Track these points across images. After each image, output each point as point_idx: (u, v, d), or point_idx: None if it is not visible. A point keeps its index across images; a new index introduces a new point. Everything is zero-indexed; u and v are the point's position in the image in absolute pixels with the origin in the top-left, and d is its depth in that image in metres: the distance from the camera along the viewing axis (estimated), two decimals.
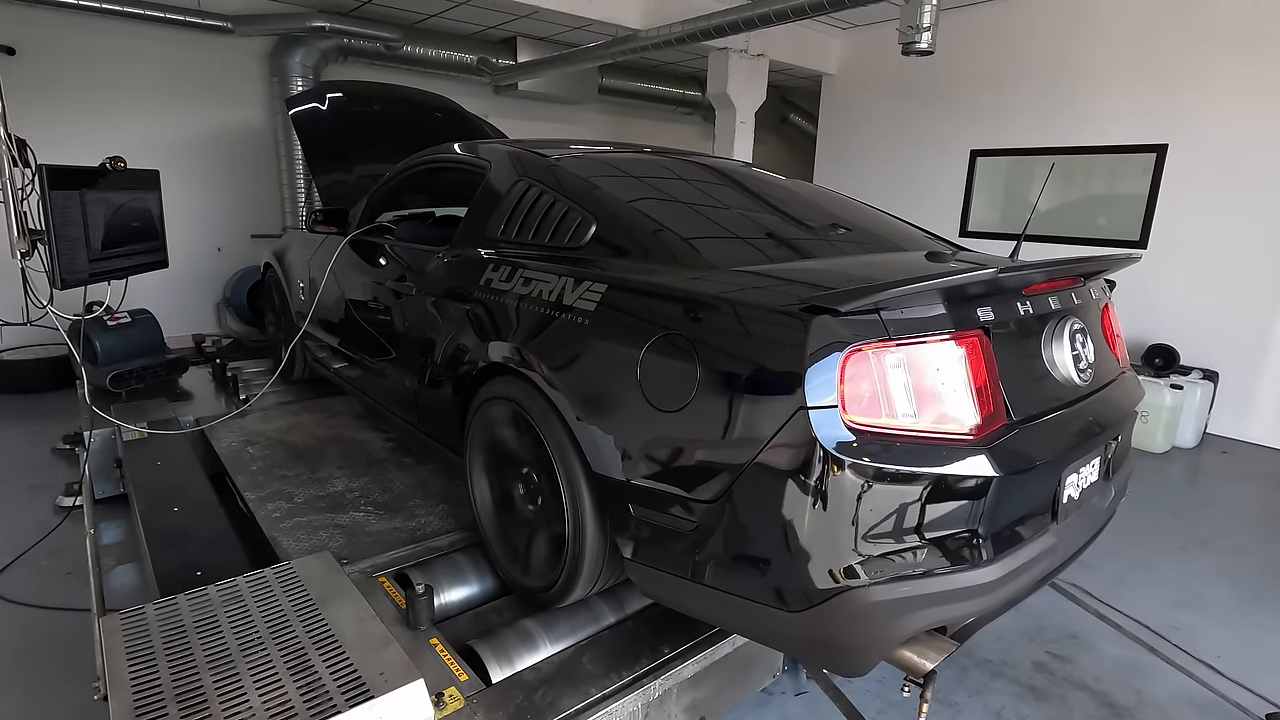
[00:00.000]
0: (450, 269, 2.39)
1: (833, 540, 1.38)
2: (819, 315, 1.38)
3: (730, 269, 1.73)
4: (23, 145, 2.67)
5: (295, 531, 2.45)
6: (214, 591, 1.84)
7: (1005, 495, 1.47)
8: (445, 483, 2.88)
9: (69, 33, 5.63)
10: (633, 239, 1.92)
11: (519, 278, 2.04)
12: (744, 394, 1.45)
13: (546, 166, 2.29)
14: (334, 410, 3.79)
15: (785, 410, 1.38)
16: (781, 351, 1.41)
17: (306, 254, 3.64)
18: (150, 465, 2.93)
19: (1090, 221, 5.71)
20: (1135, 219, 5.40)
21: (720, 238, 2.00)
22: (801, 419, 1.35)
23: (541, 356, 1.87)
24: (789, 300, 1.45)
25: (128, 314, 4.08)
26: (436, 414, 2.51)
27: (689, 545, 1.59)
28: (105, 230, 2.86)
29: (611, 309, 1.74)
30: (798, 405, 1.36)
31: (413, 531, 2.47)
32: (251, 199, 6.76)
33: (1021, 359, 1.64)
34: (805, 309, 1.40)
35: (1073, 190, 5.85)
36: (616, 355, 1.68)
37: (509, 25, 7.15)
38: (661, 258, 1.83)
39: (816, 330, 1.37)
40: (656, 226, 1.94)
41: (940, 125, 6.43)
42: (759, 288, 1.60)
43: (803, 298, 1.42)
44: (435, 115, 4.68)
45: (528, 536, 2.07)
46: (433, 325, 2.42)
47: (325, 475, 2.93)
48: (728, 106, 6.39)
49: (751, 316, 1.48)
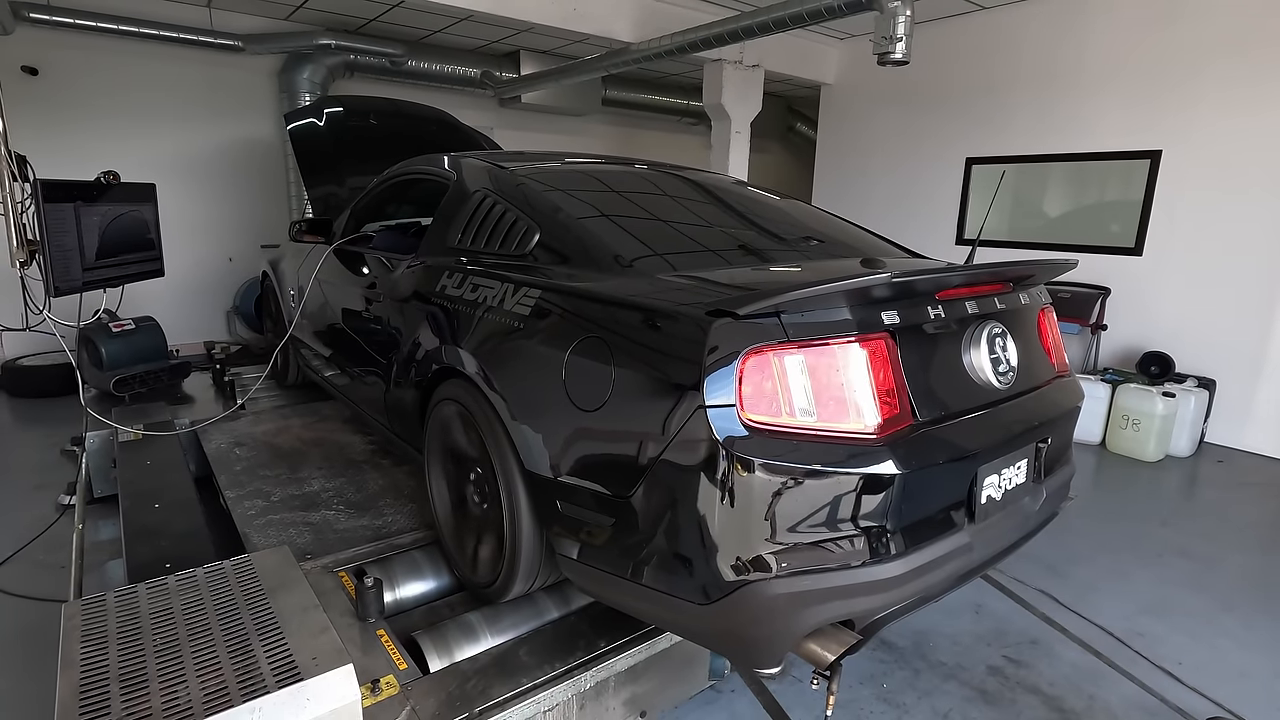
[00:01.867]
0: (413, 276, 2.49)
1: (737, 535, 1.44)
2: (720, 319, 1.44)
3: (656, 275, 1.80)
4: (22, 161, 2.84)
5: (267, 528, 2.56)
6: (172, 582, 1.94)
7: (911, 492, 1.51)
8: (417, 484, 2.97)
9: (89, 54, 5.90)
10: (571, 247, 2.00)
11: (468, 284, 2.13)
12: (652, 394, 1.51)
13: (503, 178, 2.38)
14: (323, 414, 3.91)
15: (688, 408, 1.44)
16: (685, 352, 1.47)
17: (297, 263, 3.78)
18: (140, 465, 3.07)
19: (1084, 229, 5.67)
20: (1130, 226, 5.35)
21: (665, 248, 2.06)
22: (700, 417, 1.42)
23: (483, 359, 1.95)
24: (693, 304, 1.51)
25: (132, 321, 4.25)
26: (401, 415, 2.60)
27: (610, 540, 1.65)
28: (99, 240, 3.02)
29: (543, 313, 1.81)
30: (698, 404, 1.42)
31: (378, 529, 2.56)
32: (261, 210, 6.98)
33: (935, 362, 1.68)
34: (708, 312, 1.47)
35: (1068, 198, 5.82)
36: (546, 357, 1.76)
37: (511, 40, 7.31)
38: (601, 266, 1.90)
39: (716, 333, 1.43)
40: (596, 235, 2.02)
41: (937, 134, 6.44)
42: (671, 292, 1.66)
43: (704, 302, 1.49)
44: (430, 128, 4.81)
45: (477, 534, 2.15)
46: (396, 330, 2.52)
47: (304, 475, 3.04)
48: (723, 117, 6.47)
49: (659, 319, 1.54)
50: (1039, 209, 5.99)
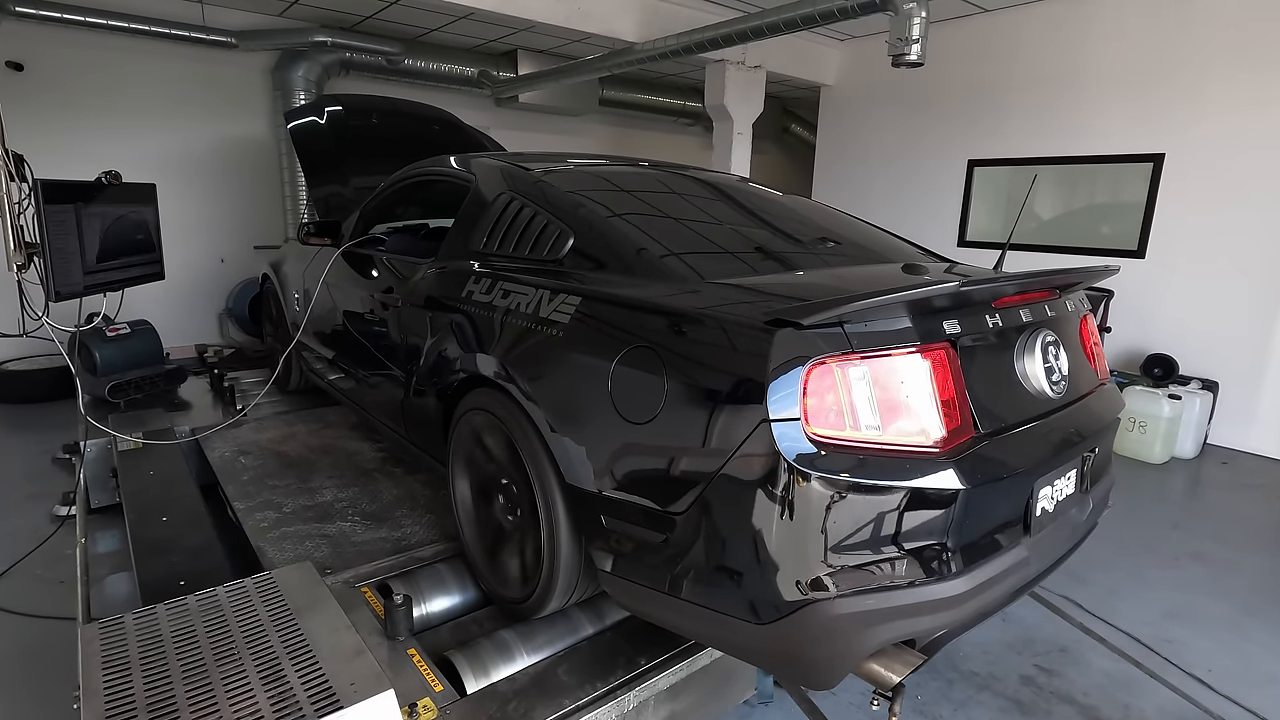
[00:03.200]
0: (434, 280, 2.42)
1: (799, 552, 1.39)
2: (782, 328, 1.39)
3: (705, 282, 1.74)
4: (20, 160, 2.72)
5: (281, 541, 2.47)
6: (193, 601, 1.85)
7: (974, 507, 1.47)
8: (433, 493, 2.90)
9: (76, 49, 5.74)
10: (610, 252, 1.94)
11: (498, 290, 2.06)
12: (710, 406, 1.46)
13: (529, 179, 2.31)
14: (328, 420, 3.82)
15: (749, 422, 1.39)
16: (746, 364, 1.42)
17: (301, 265, 3.68)
18: (143, 475, 2.96)
19: (1088, 231, 5.69)
20: (1133, 228, 5.38)
21: (699, 251, 2.01)
22: (765, 431, 1.36)
23: (518, 368, 1.89)
24: (754, 314, 1.46)
25: (127, 325, 4.13)
26: (421, 424, 2.53)
27: (660, 558, 1.59)
28: (100, 243, 2.91)
29: (585, 321, 1.75)
30: (761, 417, 1.37)
31: (398, 542, 2.49)
32: (254, 211, 6.84)
33: (991, 371, 1.64)
34: (769, 322, 1.41)
35: (1071, 200, 5.84)
36: (589, 368, 1.70)
37: (509, 39, 7.22)
38: (639, 270, 1.85)
39: (779, 343, 1.38)
40: (633, 239, 1.96)
41: (938, 136, 6.44)
42: (727, 301, 1.61)
43: (766, 311, 1.43)
44: (433, 128, 4.73)
45: (506, 548, 2.08)
46: (417, 336, 2.45)
47: (315, 485, 2.95)
48: (725, 118, 6.43)
49: (717, 329, 1.49)
50: (1038, 212, 6.01)
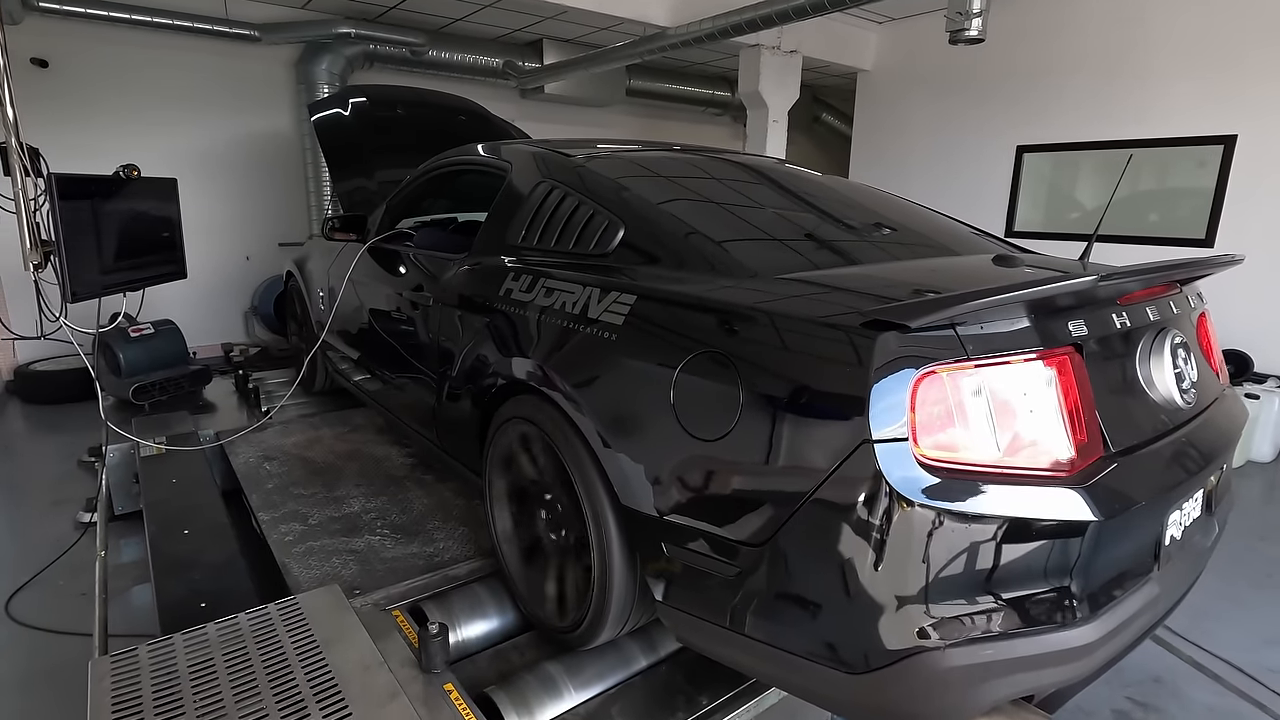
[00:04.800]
0: (469, 278, 2.24)
1: (903, 594, 1.18)
2: (885, 331, 1.18)
3: (775, 277, 1.54)
4: (35, 154, 2.60)
5: (307, 557, 2.32)
6: (213, 630, 1.70)
7: (1105, 540, 1.25)
8: (466, 503, 2.73)
9: (100, 45, 5.67)
10: (664, 244, 1.74)
11: (540, 288, 1.87)
12: (796, 423, 1.25)
13: (571, 167, 2.12)
14: (354, 423, 3.68)
15: (846, 442, 1.18)
16: (841, 373, 1.21)
17: (326, 262, 3.53)
18: (165, 483, 2.83)
19: (1147, 219, 5.36)
20: (1200, 215, 5.04)
21: (761, 242, 1.80)
22: (866, 453, 1.16)
23: (564, 374, 1.70)
24: (848, 313, 1.25)
25: (151, 325, 4.02)
26: (455, 432, 2.35)
27: (730, 591, 1.39)
28: (119, 241, 2.78)
29: (641, 323, 1.55)
30: (861, 437, 1.16)
31: (430, 558, 2.32)
32: (279, 207, 6.75)
33: (1117, 379, 1.41)
34: (868, 324, 1.20)
35: (1128, 186, 5.50)
36: (647, 375, 1.50)
37: (535, 28, 7.04)
38: (697, 265, 1.64)
39: (883, 348, 1.17)
40: (690, 230, 1.76)
41: (984, 121, 6.13)
42: (811, 298, 1.40)
43: (865, 310, 1.22)
44: (459, 119, 4.57)
45: (551, 570, 1.90)
46: (451, 338, 2.27)
47: (342, 494, 2.80)
48: (759, 105, 6.18)
49: (804, 332, 1.28)
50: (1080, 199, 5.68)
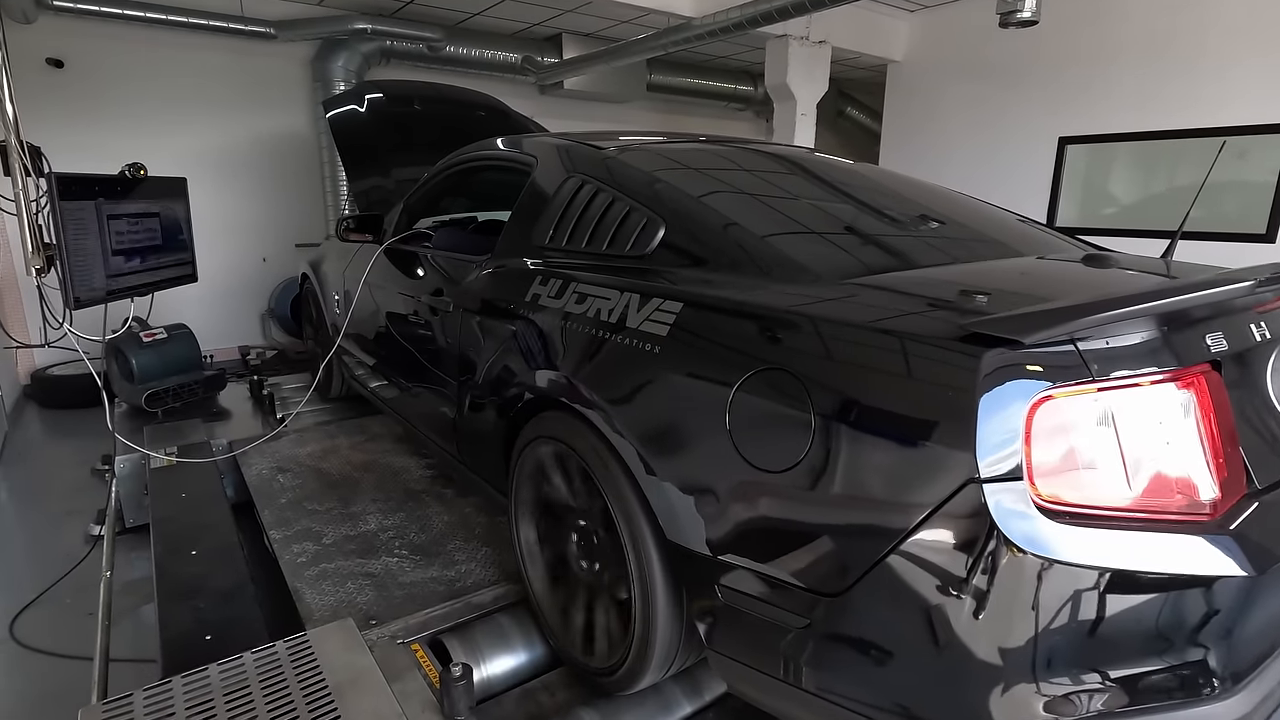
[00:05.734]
0: (491, 281, 2.07)
1: (1009, 660, 0.99)
2: (994, 347, 0.99)
3: (842, 281, 1.35)
4: (36, 153, 2.47)
5: (321, 581, 2.17)
6: (215, 673, 1.55)
7: (1253, 597, 1.05)
8: (488, 521, 2.57)
9: (115, 44, 5.59)
10: (711, 245, 1.55)
11: (571, 293, 1.70)
12: (883, 455, 1.06)
13: (601, 160, 1.94)
14: (371, 432, 3.53)
15: (947, 480, 0.99)
16: (939, 398, 1.02)
17: (341, 264, 3.39)
18: (174, 498, 2.70)
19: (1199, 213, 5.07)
20: (1260, 209, 4.75)
21: (820, 241, 1.61)
22: (971, 493, 0.97)
23: (599, 391, 1.52)
24: (944, 326, 1.06)
25: (164, 329, 3.91)
26: (477, 446, 2.19)
27: (794, 642, 1.21)
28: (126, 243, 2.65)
29: (689, 334, 1.37)
30: (966, 474, 0.97)
31: (451, 583, 2.16)
32: (296, 207, 6.65)
33: (1255, 401, 1.21)
34: (970, 337, 1.01)
35: (1177, 178, 5.22)
36: (697, 394, 1.32)
37: (553, 21, 6.88)
38: (749, 268, 1.46)
39: (991, 368, 0.98)
40: (740, 229, 1.57)
41: (1023, 111, 5.86)
42: (892, 308, 1.21)
43: (968, 323, 1.03)
44: (478, 114, 4.42)
45: (584, 603, 1.73)
46: (472, 346, 2.10)
47: (358, 510, 2.65)
48: (787, 98, 5.97)
49: (892, 348, 1.09)
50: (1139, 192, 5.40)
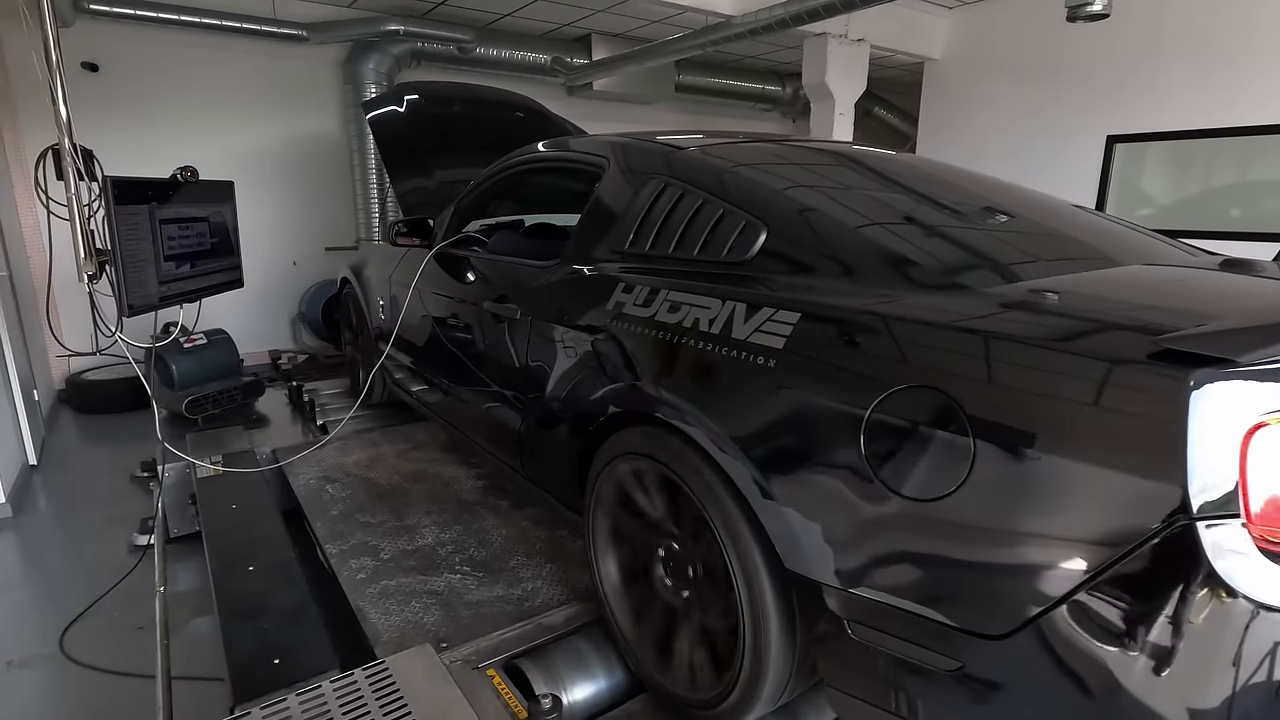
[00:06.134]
0: (565, 289, 1.98)
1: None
2: (1199, 366, 0.88)
3: (986, 290, 1.24)
4: (89, 156, 2.41)
5: (383, 600, 2.08)
6: (295, 703, 1.46)
7: None
8: (549, 535, 2.48)
9: (148, 48, 5.57)
10: (822, 250, 1.45)
11: (662, 301, 1.60)
12: (1066, 487, 0.96)
13: (686, 161, 1.85)
14: (416, 440, 3.46)
15: (1148, 515, 0.88)
16: (1135, 422, 0.91)
17: (387, 269, 3.32)
18: (224, 508, 2.63)
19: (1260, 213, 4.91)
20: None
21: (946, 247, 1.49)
22: (1178, 531, 0.86)
23: (702, 407, 1.42)
24: (1137, 342, 0.95)
25: (203, 335, 3.87)
26: (544, 461, 2.10)
27: (941, 686, 1.11)
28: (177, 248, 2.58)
29: (811, 347, 1.27)
30: (1172, 509, 0.86)
31: (519, 603, 2.07)
32: (326, 211, 6.61)
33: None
34: (1166, 355, 0.91)
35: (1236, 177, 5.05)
36: (823, 413, 1.22)
37: (583, 22, 6.80)
38: (873, 276, 1.35)
39: (1202, 390, 0.87)
40: (856, 234, 1.47)
41: (1068, 109, 5.71)
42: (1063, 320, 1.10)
43: (1162, 338, 0.92)
44: (516, 115, 4.34)
45: (677, 631, 1.63)
46: (543, 356, 2.01)
47: (413, 523, 2.57)
48: (825, 97, 5.85)
49: (1076, 368, 0.98)
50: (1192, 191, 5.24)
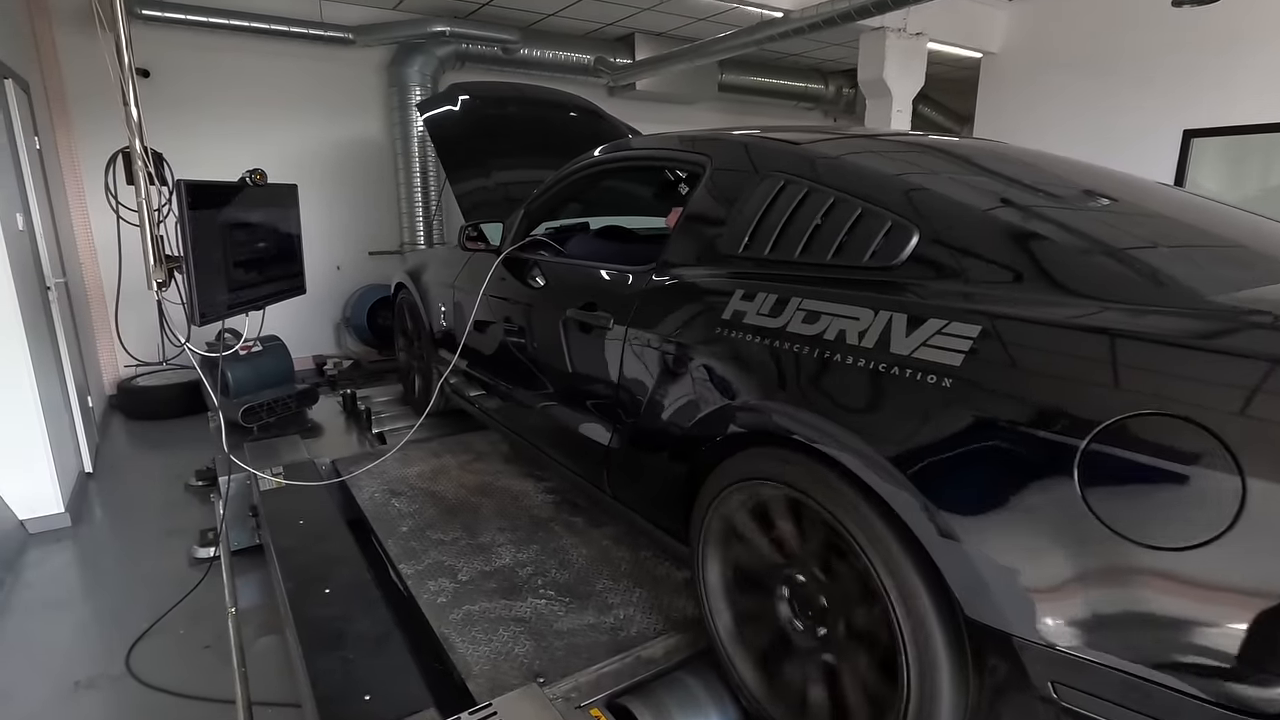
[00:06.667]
0: (667, 296, 1.83)
1: None
2: None
3: (1208, 299, 1.07)
4: (159, 160, 2.32)
5: (468, 627, 1.96)
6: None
7: None
8: (631, 556, 2.34)
9: (198, 54, 5.58)
10: (990, 253, 1.29)
11: (795, 311, 1.45)
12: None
13: (810, 158, 1.69)
14: (476, 450, 3.35)
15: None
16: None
17: (450, 273, 3.21)
18: (292, 525, 2.54)
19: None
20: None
21: (1148, 249, 1.31)
22: None
23: (861, 431, 1.27)
24: None
25: (258, 341, 3.81)
26: (638, 482, 1.96)
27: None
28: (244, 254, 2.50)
29: (1000, 366, 1.11)
30: None
31: (614, 632, 1.93)
32: (370, 215, 6.57)
33: None
34: None
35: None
36: (1023, 442, 1.06)
37: (627, 21, 6.68)
38: (1084, 285, 1.17)
39: None
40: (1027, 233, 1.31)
41: (1141, 103, 5.45)
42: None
43: None
44: (570, 115, 4.23)
45: (809, 677, 1.48)
46: (640, 369, 1.87)
47: (487, 541, 2.45)
48: (883, 93, 5.65)
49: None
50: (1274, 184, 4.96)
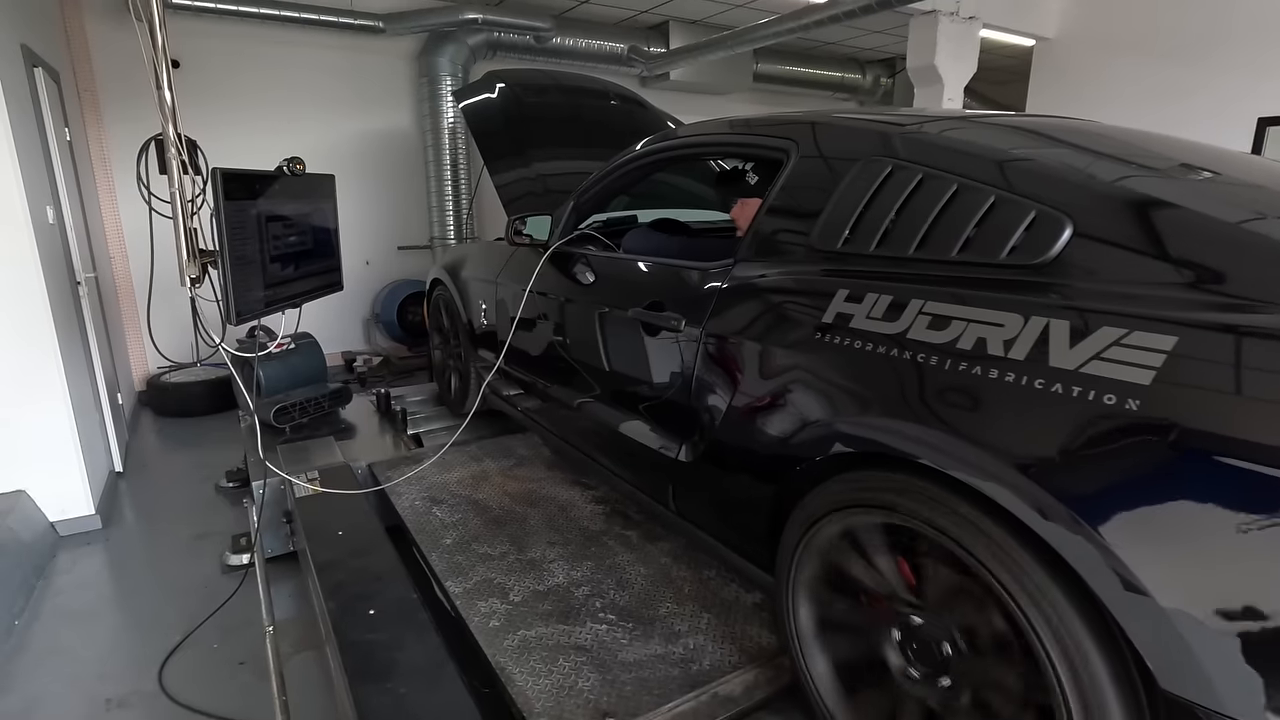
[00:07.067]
0: (750, 295, 1.65)
1: None
2: None
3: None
4: (193, 147, 2.18)
5: (525, 656, 1.80)
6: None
7: None
8: (694, 575, 2.17)
9: (228, 44, 5.49)
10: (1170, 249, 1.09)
11: (915, 314, 1.26)
12: None
13: (922, 141, 1.49)
14: (517, 454, 3.19)
15: None
16: None
17: (492, 269, 3.05)
18: (330, 536, 2.39)
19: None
20: None
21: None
22: None
23: (1023, 463, 1.07)
24: None
25: (290, 339, 3.68)
26: (717, 503, 1.78)
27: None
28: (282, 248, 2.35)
29: (1209, 387, 0.91)
30: None
31: (684, 664, 1.76)
32: (398, 209, 6.45)
33: None
34: None
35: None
36: (1252, 483, 0.86)
37: (661, 9, 6.48)
38: (1237, 282, 0.99)
39: None
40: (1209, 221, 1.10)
41: (1210, 89, 5.13)
42: None
43: None
44: (611, 103, 4.06)
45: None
46: (718, 376, 1.69)
47: (537, 556, 2.29)
48: (934, 81, 5.39)
49: None
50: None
